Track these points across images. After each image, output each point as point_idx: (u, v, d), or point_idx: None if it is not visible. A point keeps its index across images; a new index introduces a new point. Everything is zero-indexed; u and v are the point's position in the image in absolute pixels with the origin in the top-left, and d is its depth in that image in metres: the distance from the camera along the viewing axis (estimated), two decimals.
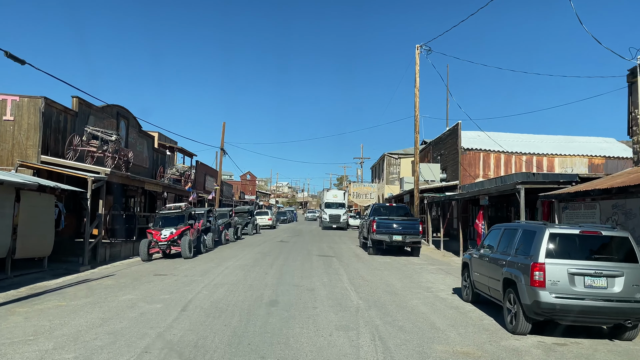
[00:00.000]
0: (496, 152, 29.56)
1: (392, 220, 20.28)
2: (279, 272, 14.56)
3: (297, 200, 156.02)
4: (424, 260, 19.54)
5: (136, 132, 27.77)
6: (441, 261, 19.34)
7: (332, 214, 45.95)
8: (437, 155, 34.48)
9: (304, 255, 19.74)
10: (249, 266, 15.85)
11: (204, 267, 15.76)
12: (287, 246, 24.68)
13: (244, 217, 37.46)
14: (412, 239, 20.07)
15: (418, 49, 26.31)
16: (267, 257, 19.02)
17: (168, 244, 18.58)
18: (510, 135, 32.21)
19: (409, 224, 20.26)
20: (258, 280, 12.87)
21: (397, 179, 47.33)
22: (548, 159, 29.70)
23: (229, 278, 13.16)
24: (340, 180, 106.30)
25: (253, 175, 77.33)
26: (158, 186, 24.33)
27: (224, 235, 26.46)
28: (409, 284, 12.98)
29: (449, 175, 31.63)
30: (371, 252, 20.80)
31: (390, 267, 16.52)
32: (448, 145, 31.98)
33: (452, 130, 30.84)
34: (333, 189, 53.45)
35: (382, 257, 19.84)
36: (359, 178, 70.22)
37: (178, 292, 11.05)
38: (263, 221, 47.69)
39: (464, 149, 29.38)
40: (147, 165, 29.14)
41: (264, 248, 23.44)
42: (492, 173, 29.39)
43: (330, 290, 11.42)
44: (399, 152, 48.99)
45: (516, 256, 8.21)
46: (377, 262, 17.94)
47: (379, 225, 20.14)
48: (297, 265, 16.38)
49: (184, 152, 37.92)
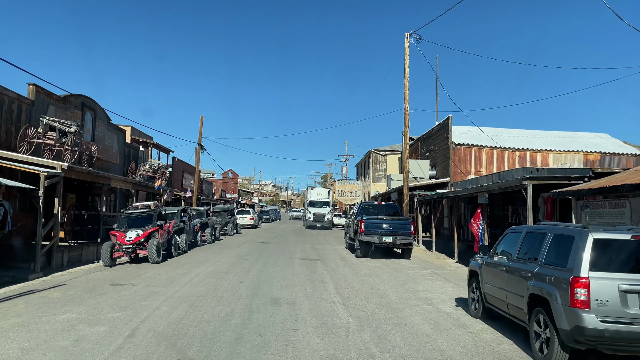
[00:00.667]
0: (489, 147, 28.15)
1: (382, 220, 18.64)
2: (256, 280, 12.78)
3: (281, 199, 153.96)
4: (416, 263, 17.94)
5: (105, 125, 25.70)
6: (435, 264, 17.76)
7: (316, 212, 44.32)
8: (426, 152, 33.00)
9: (285, 259, 17.99)
10: (222, 273, 14.05)
11: (171, 274, 13.91)
12: (268, 248, 22.90)
13: (224, 217, 35.59)
14: (404, 240, 18.45)
15: (407, 37, 24.71)
16: (245, 261, 17.22)
17: (133, 248, 16.66)
18: (502, 130, 30.84)
19: (399, 224, 18.64)
20: (231, 291, 11.09)
21: (384, 176, 45.81)
22: (542, 155, 28.38)
23: (197, 289, 11.34)
24: (325, 179, 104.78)
25: (235, 173, 75.23)
26: (127, 183, 22.34)
27: (199, 236, 24.57)
28: (404, 293, 11.32)
29: (439, 172, 30.14)
30: (359, 255, 19.14)
31: (381, 272, 14.87)
32: (438, 140, 30.49)
33: (443, 125, 29.35)
34: (317, 187, 51.75)
35: (371, 260, 18.19)
36: (344, 176, 68.64)
37: (132, 308, 9.22)
38: (244, 221, 45.92)
39: (455, 144, 27.90)
40: (117, 161, 27.09)
41: (242, 250, 21.62)
42: (485, 170, 27.97)
43: (314, 304, 9.70)
44: (385, 149, 47.44)
45: (547, 267, 6.58)
46: (365, 267, 16.28)
47: (367, 225, 18.48)
48: (277, 271, 14.62)
49: (159, 147, 35.85)
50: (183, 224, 22.20)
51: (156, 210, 18.23)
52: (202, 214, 27.45)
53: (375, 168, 47.23)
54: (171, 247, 18.79)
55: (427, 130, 32.96)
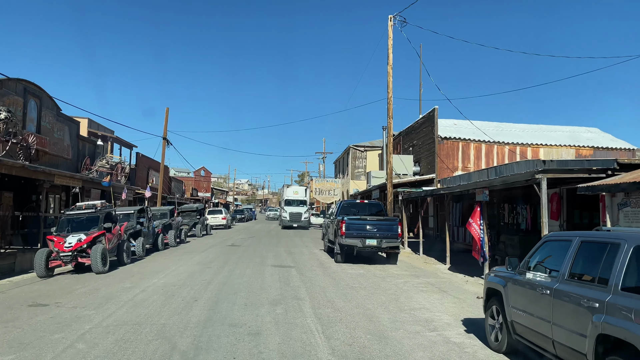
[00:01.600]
0: (477, 141, 26.26)
1: (365, 221, 16.45)
2: (215, 296, 10.41)
3: (257, 198, 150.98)
4: (404, 269, 15.80)
5: (53, 116, 22.88)
6: (426, 271, 15.65)
7: (293, 212, 42.03)
8: (409, 147, 30.98)
9: (255, 266, 15.64)
10: (176, 286, 11.63)
11: (112, 288, 11.43)
12: (238, 252, 20.49)
13: (192, 217, 33.01)
14: (390, 243, 16.30)
15: (391, 19, 22.59)
16: (208, 269, 14.81)
17: (73, 255, 14.10)
18: (489, 124, 29.01)
19: (385, 225, 16.48)
20: (179, 314, 8.70)
21: (363, 173, 43.73)
22: (533, 149, 26.63)
23: (137, 311, 8.92)
24: (302, 177, 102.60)
25: (208, 170, 72.21)
26: (75, 180, 19.66)
27: (161, 239, 22.00)
28: (398, 313, 9.11)
29: (423, 168, 28.14)
30: (339, 260, 16.92)
31: (366, 283, 12.65)
32: (422, 134, 28.48)
33: (427, 117, 27.35)
34: (294, 185, 49.46)
35: (353, 267, 15.98)
36: (321, 174, 66.44)
37: (35, 345, 6.78)
38: (216, 221, 43.38)
39: (441, 138, 25.92)
40: (68, 156, 24.28)
41: (207, 255, 19.17)
42: (472, 165, 26.07)
43: (285, 335, 7.39)
44: (364, 145, 45.35)
45: (628, 296, 4.42)
46: (347, 275, 14.05)
47: (349, 227, 16.26)
48: (243, 283, 12.26)
49: (121, 142, 33.02)
50: (140, 226, 19.66)
51: (103, 210, 15.67)
52: (166, 215, 24.85)
53: (354, 165, 45.11)
54: (122, 253, 16.24)
55: (410, 124, 30.95)
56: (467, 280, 13.68)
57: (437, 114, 25.92)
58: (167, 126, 30.99)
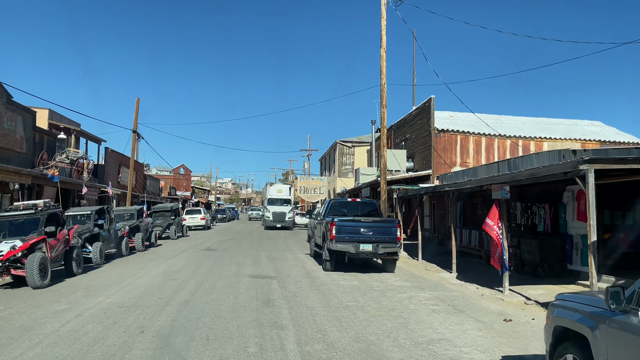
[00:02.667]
0: (476, 134, 24.14)
1: (359, 223, 14.10)
2: (169, 326, 7.95)
3: (241, 197, 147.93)
4: (405, 279, 13.51)
5: (3, 104, 20.14)
6: (430, 281, 13.38)
7: (276, 211, 39.61)
8: (401, 141, 28.76)
9: (229, 277, 13.20)
10: (123, 309, 9.15)
11: (38, 313, 8.91)
12: (212, 258, 18.02)
13: (166, 218, 30.38)
14: (388, 248, 13.99)
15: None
16: (171, 282, 12.34)
17: (3, 266, 11.52)
18: (487, 116, 26.87)
19: (382, 227, 14.16)
20: (113, 356, 6.25)
21: (351, 170, 41.44)
22: (536, 143, 24.61)
23: (53, 353, 6.44)
24: (286, 176, 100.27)
25: (187, 168, 69.23)
26: (22, 176, 17.01)
27: (125, 243, 19.41)
28: (412, 349, 6.78)
29: (418, 164, 25.95)
30: (328, 268, 14.57)
31: (363, 300, 10.32)
32: (416, 127, 26.28)
33: (422, 108, 25.14)
34: (277, 184, 46.99)
35: (345, 276, 13.65)
36: (306, 172, 64.05)
37: None
38: (194, 221, 40.78)
39: (437, 131, 23.73)
40: (22, 149, 21.52)
41: (176, 262, 16.67)
42: (472, 160, 23.95)
43: None
44: (352, 140, 43.02)
45: None
46: (339, 289, 11.70)
47: (340, 229, 13.91)
48: (210, 303, 9.83)
49: (87, 136, 30.22)
50: (99, 229, 17.08)
51: (45, 211, 13.07)
52: (133, 215, 22.23)
53: (341, 161, 42.77)
54: (72, 262, 13.66)
55: (403, 117, 28.73)
56: (483, 294, 11.43)
57: (433, 103, 23.74)
58: (137, 118, 28.34)
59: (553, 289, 11.59)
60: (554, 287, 11.77)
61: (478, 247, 16.67)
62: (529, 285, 12.02)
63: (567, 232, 13.12)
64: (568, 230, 13.11)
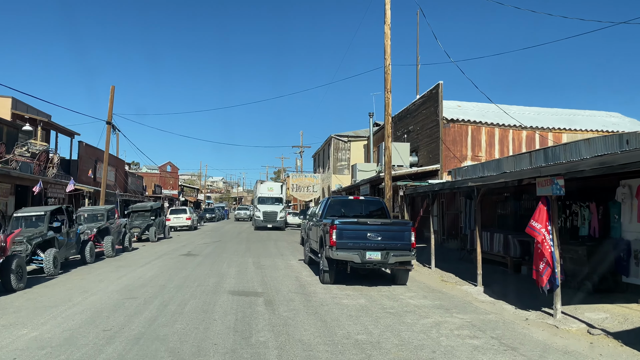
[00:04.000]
0: (489, 125, 21.68)
1: (366, 226, 11.54)
2: None
3: (232, 196, 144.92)
4: (422, 294, 11.00)
5: None
6: (454, 297, 10.86)
7: (267, 210, 37.11)
8: (403, 134, 26.26)
9: (205, 295, 10.61)
10: (46, 351, 6.55)
11: None
12: (190, 266, 15.41)
13: (145, 218, 27.70)
14: (400, 257, 11.45)
15: None
16: (129, 302, 9.73)
17: None
18: (499, 106, 24.43)
19: (393, 231, 11.62)
20: None
21: (347, 167, 38.92)
22: (555, 135, 22.21)
23: None
24: (278, 174, 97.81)
25: (175, 166, 66.29)
26: None
27: (90, 248, 16.72)
28: None
29: (423, 158, 23.46)
30: (326, 280, 12.03)
31: (376, 330, 7.78)
32: (420, 117, 23.78)
33: (429, 96, 22.63)
34: (268, 181, 44.42)
35: (348, 291, 11.11)
36: (299, 169, 61.44)
37: None
38: (179, 221, 38.21)
39: (446, 120, 21.24)
40: None
41: (145, 272, 14.04)
42: (484, 154, 21.50)
43: None
44: (348, 134, 40.45)
45: None
46: (343, 311, 9.16)
47: (342, 234, 11.35)
48: (170, 338, 7.24)
49: (58, 129, 27.43)
50: (54, 233, 14.43)
51: None
52: (102, 216, 19.54)
53: (336, 157, 40.18)
54: (10, 275, 11.01)
55: (405, 107, 26.22)
56: (527, 318, 8.94)
57: (441, 90, 21.25)
58: (112, 108, 25.56)
59: (614, 311, 9.14)
60: (615, 308, 9.33)
61: (503, 254, 14.19)
62: (582, 305, 9.55)
63: (622, 236, 10.66)
64: (623, 234, 10.65)
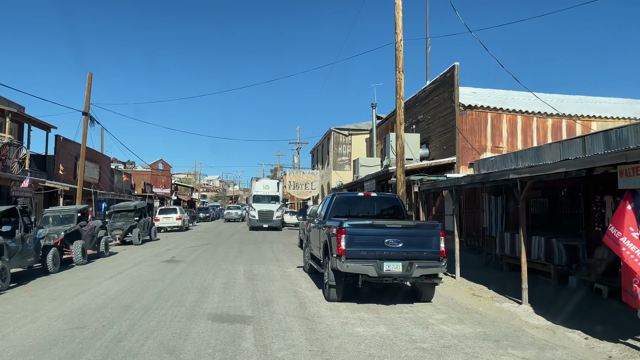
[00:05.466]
0: (510, 112, 19.27)
1: (384, 230, 9.09)
2: None
3: (228, 195, 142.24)
4: (456, 317, 8.59)
5: None
6: (497, 322, 8.44)
7: (263, 209, 34.77)
8: (411, 124, 23.85)
9: (176, 322, 8.17)
10: None
11: None
12: (169, 277, 12.97)
13: (128, 219, 25.26)
14: (427, 269, 9.01)
15: None
16: (72, 334, 7.30)
17: None
18: (518, 93, 22.04)
19: (419, 236, 9.19)
20: None
21: (348, 162, 36.51)
22: (583, 123, 19.82)
23: None
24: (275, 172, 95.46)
25: (167, 163, 63.70)
26: None
27: (53, 256, 14.27)
28: None
29: (435, 151, 21.06)
30: (332, 297, 9.61)
31: None
32: (432, 105, 21.37)
33: (442, 80, 20.21)
34: (264, 179, 42.00)
35: (361, 313, 8.71)
36: (296, 166, 59.01)
37: None
38: (169, 222, 35.89)
39: (463, 107, 18.83)
40: None
41: (111, 287, 11.59)
42: (506, 144, 19.10)
43: None
44: (349, 127, 38.00)
45: None
46: (359, 347, 6.76)
47: (353, 240, 8.92)
48: None
49: (31, 121, 24.91)
50: (3, 239, 11.98)
51: None
52: (71, 218, 17.07)
53: (336, 152, 37.72)
54: None
55: (413, 94, 23.79)
56: (610, 356, 6.56)
57: (457, 73, 18.83)
58: (89, 97, 23.07)
59: None
60: None
61: (544, 261, 11.79)
62: None
63: None
64: None
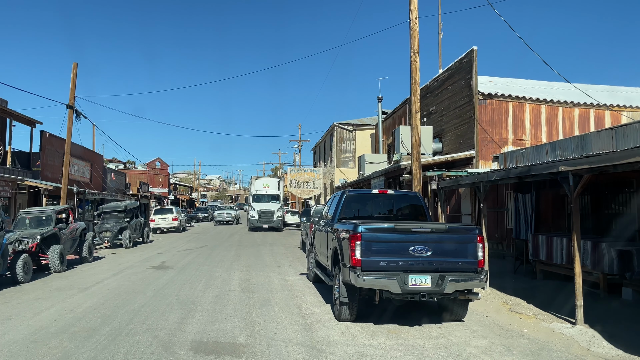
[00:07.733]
0: (534, 101, 17.54)
1: (408, 235, 7.35)
2: None
3: (228, 194, 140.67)
4: (498, 342, 6.85)
5: None
6: (553, 349, 6.70)
7: (263, 209, 33.15)
8: (422, 117, 22.09)
9: (150, 354, 6.45)
10: None
11: None
12: (153, 287, 11.25)
13: (118, 220, 23.57)
14: (462, 283, 7.27)
15: None
16: None
17: None
18: (537, 82, 20.25)
19: (451, 242, 7.46)
20: None
21: (352, 159, 34.78)
22: (612, 114, 18.10)
23: None
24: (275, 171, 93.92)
25: (164, 162, 62.06)
26: None
27: (23, 264, 12.55)
28: None
29: (449, 144, 19.33)
30: (345, 317, 7.88)
31: None
32: (446, 95, 19.63)
33: (458, 67, 18.45)
34: (264, 177, 40.34)
35: (380, 339, 6.99)
36: (297, 164, 57.32)
37: None
38: (165, 222, 34.27)
39: (482, 96, 17.09)
40: None
41: (83, 301, 9.87)
42: (529, 137, 17.37)
43: None
44: (353, 122, 36.26)
45: None
46: None
47: (371, 247, 7.20)
48: None
49: (13, 116, 23.22)
50: None
51: None
52: (49, 220, 15.35)
53: (340, 148, 35.99)
54: None
55: (425, 84, 22.03)
56: None
57: (475, 58, 17.07)
58: (75, 90, 21.36)
59: None
60: None
61: (589, 268, 10.05)
62: None
63: None
64: None
